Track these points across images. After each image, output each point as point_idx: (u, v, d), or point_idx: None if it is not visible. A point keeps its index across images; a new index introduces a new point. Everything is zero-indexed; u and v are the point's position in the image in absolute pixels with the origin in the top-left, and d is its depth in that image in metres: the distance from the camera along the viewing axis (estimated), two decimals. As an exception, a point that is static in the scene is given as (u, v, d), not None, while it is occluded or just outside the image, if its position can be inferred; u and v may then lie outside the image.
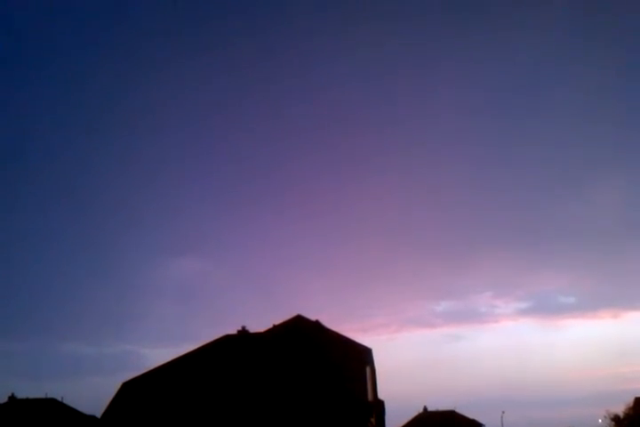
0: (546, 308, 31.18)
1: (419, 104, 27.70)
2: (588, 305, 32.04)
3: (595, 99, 26.94)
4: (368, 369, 11.31)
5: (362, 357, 11.21)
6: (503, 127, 28.09)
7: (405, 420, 22.06)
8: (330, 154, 26.90)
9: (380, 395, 12.10)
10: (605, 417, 23.03)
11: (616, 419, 22.65)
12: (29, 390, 19.94)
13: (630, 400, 22.15)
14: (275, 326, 11.85)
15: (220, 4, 25.54)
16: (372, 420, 10.53)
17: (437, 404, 22.61)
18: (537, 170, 28.32)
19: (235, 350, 11.18)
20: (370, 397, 10.89)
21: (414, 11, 25.37)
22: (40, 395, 17.07)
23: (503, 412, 23.11)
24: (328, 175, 26.41)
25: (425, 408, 22.67)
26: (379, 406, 11.76)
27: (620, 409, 22.51)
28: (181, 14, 24.91)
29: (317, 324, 11.87)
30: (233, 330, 11.76)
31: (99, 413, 10.98)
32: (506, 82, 27.12)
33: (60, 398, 17.14)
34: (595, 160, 27.43)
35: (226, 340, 11.57)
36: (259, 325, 11.89)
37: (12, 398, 16.81)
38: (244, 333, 11.67)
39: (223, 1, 26.05)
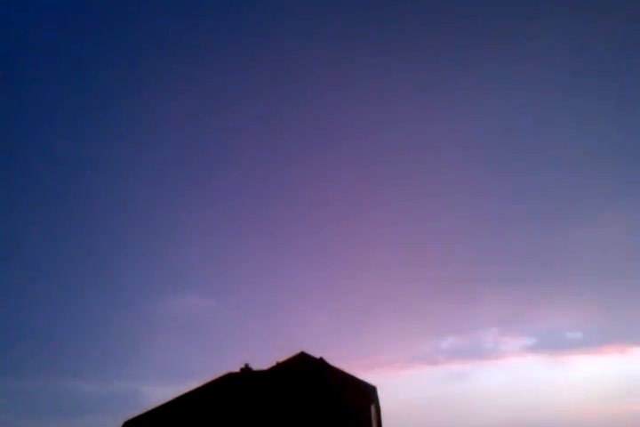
0: (552, 344, 30.88)
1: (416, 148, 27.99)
2: (595, 341, 31.67)
3: (597, 130, 27.17)
4: (373, 407, 11.16)
5: (366, 395, 11.08)
6: (508, 158, 28.13)
7: (411, 459, 21.50)
8: (335, 191, 26.88)
9: (386, 434, 11.89)
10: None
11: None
12: (30, 429, 19.60)
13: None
14: (278, 364, 11.75)
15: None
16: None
17: (443, 442, 22.05)
18: (543, 205, 28.15)
19: (238, 388, 11.07)
20: (375, 436, 10.71)
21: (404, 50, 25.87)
22: (40, 434, 16.77)
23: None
24: (333, 212, 26.35)
25: (431, 448, 22.11)
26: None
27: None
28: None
29: (321, 361, 11.77)
30: (236, 368, 11.66)
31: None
32: (506, 116, 27.37)
33: (60, 438, 16.82)
34: (602, 196, 27.33)
35: (229, 378, 11.46)
36: (262, 362, 11.80)
37: (12, 437, 16.51)
38: (247, 370, 11.57)
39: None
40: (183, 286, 26.81)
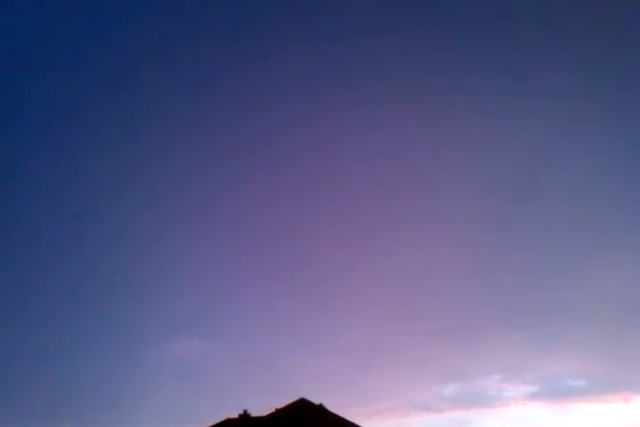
0: (555, 391, 30.39)
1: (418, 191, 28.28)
2: (599, 389, 31.16)
3: (597, 179, 27.47)
4: (373, 456, 10.95)
5: (367, 443, 10.88)
6: (507, 210, 28.34)
7: None
8: (335, 237, 26.98)
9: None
10: None
11: None
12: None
13: None
14: (277, 410, 11.61)
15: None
16: None
17: None
18: (546, 252, 28.23)
19: (236, 434, 10.91)
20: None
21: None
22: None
23: None
24: (333, 257, 26.36)
25: None
26: None
27: None
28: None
29: (321, 407, 11.63)
30: (234, 413, 11.52)
31: None
32: (505, 163, 27.71)
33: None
34: (603, 242, 27.42)
35: (227, 424, 11.31)
36: (261, 408, 11.65)
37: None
38: (245, 416, 11.42)
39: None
40: (180, 329, 26.46)
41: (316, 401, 11.78)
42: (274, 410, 11.62)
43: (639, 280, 28.07)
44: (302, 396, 11.84)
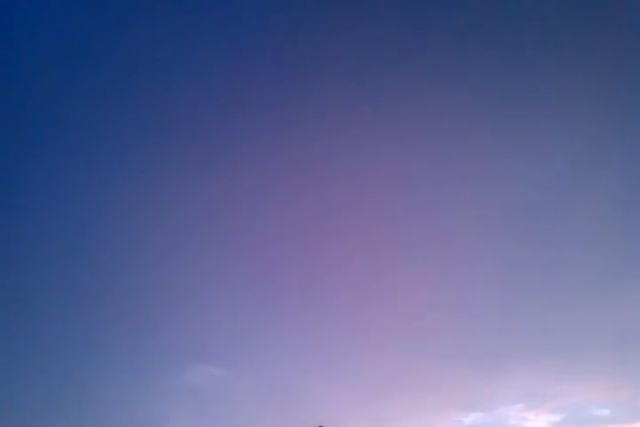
0: (579, 421, 29.52)
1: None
2: (623, 418, 30.27)
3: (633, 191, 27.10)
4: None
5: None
6: (533, 226, 28.29)
7: None
8: (348, 258, 26.88)
9: None
10: None
11: None
12: None
13: None
14: (294, 439, 11.37)
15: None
16: None
17: None
18: (573, 274, 27.86)
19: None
20: None
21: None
22: None
23: None
24: (348, 281, 26.24)
25: None
26: None
27: None
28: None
29: (339, 437, 11.37)
30: (250, 442, 11.29)
31: None
32: (514, 195, 27.55)
33: None
34: (635, 264, 27.03)
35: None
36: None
37: None
38: (261, 445, 11.19)
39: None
40: (196, 354, 26.39)
41: (334, 430, 11.55)
42: (290, 439, 11.40)
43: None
44: (319, 424, 11.63)
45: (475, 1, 25.98)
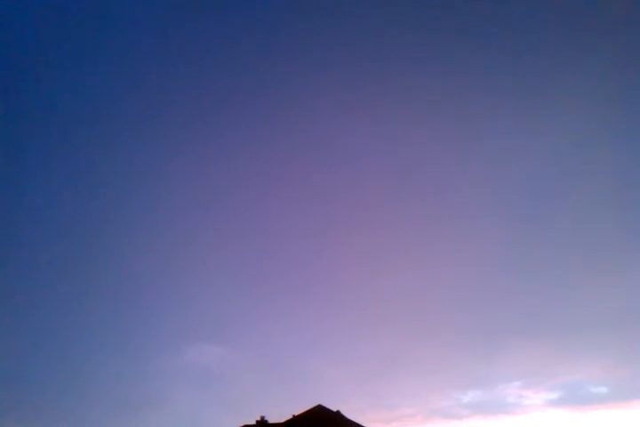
0: (577, 398, 29.93)
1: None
2: (621, 395, 30.73)
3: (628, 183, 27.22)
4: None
5: (384, 450, 10.79)
6: (529, 214, 28.29)
7: None
8: (356, 250, 26.99)
9: None
10: None
11: None
12: None
13: None
14: (294, 417, 11.54)
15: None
16: None
17: None
18: (568, 257, 28.01)
19: (253, 441, 10.86)
20: None
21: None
22: None
23: None
24: (353, 269, 26.37)
25: None
26: None
27: None
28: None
29: (338, 414, 11.54)
30: (251, 420, 11.47)
31: None
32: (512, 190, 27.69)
33: None
34: (629, 246, 27.11)
35: (244, 430, 11.27)
36: (278, 415, 11.60)
37: None
38: (262, 423, 11.38)
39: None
40: (198, 335, 26.55)
41: (334, 408, 11.69)
42: (291, 417, 11.57)
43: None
44: (320, 402, 11.78)
45: (474, 2, 25.63)
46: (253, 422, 11.45)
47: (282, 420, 11.51)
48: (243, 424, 11.50)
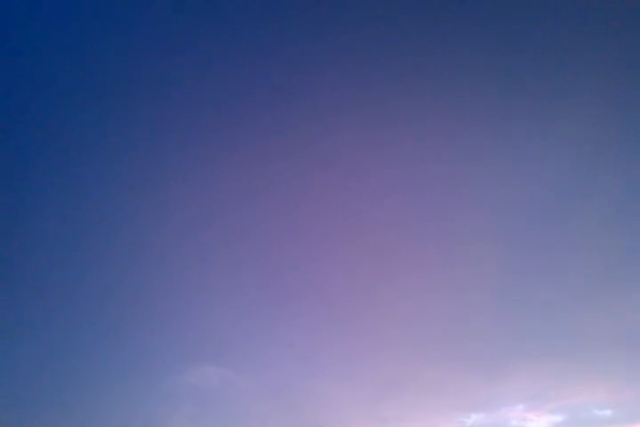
0: (581, 421, 29.42)
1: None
2: (625, 418, 30.18)
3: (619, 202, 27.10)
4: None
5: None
6: (534, 230, 28.26)
7: None
8: (353, 260, 26.90)
9: None
10: None
11: None
12: None
13: None
14: (295, 440, 11.38)
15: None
16: None
17: None
18: (574, 277, 27.90)
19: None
20: None
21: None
22: None
23: None
24: (352, 283, 26.26)
25: None
26: None
27: None
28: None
29: (340, 438, 11.37)
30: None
31: None
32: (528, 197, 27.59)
33: None
34: (636, 266, 26.99)
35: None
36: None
37: None
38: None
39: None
40: (200, 355, 26.41)
41: (335, 431, 11.55)
42: (292, 440, 11.41)
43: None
44: (320, 425, 11.63)
45: (474, 1, 25.88)
46: (253, 446, 11.29)
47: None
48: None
